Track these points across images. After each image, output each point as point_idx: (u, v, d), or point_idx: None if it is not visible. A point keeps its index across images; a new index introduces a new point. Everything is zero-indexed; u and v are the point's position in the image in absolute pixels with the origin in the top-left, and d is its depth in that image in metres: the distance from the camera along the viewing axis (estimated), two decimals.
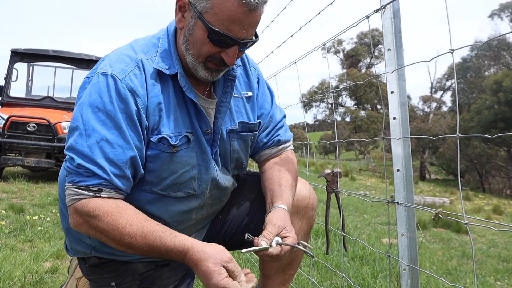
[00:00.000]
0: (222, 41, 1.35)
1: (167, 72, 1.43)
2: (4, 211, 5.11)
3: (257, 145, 1.74)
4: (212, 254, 1.25)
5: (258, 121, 1.69)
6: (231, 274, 1.24)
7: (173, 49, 1.47)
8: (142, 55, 1.44)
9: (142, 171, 1.44)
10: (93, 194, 1.33)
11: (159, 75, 1.44)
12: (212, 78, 1.48)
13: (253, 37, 1.41)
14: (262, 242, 1.37)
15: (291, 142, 1.81)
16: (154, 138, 1.42)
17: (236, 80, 1.60)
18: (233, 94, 1.60)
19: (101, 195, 1.34)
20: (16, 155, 8.28)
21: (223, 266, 1.23)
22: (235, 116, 1.61)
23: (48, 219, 4.86)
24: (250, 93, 1.68)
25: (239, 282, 1.23)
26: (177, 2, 1.40)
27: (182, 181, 1.50)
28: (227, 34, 1.32)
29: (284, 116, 1.84)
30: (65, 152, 1.39)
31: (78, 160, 1.33)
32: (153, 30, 1.62)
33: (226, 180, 1.64)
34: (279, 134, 1.76)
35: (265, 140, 1.74)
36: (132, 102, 1.37)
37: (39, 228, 4.29)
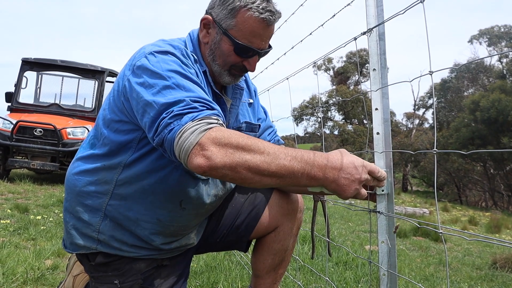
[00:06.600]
0: (245, 52, 1.48)
1: (200, 68, 1.50)
2: (9, 211, 5.07)
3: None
4: None
5: (258, 123, 1.80)
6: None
7: (199, 52, 1.54)
8: (182, 46, 1.47)
9: None
10: (217, 121, 1.19)
11: None
12: (234, 82, 1.59)
13: (268, 47, 1.53)
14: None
15: None
16: None
17: None
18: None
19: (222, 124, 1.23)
20: (23, 157, 8.25)
21: None
22: (240, 118, 1.71)
23: (50, 219, 4.82)
24: (251, 100, 1.80)
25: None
26: (202, 20, 1.50)
27: None
28: (250, 47, 1.46)
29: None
30: (164, 111, 1.20)
31: (189, 98, 1.21)
32: (145, 40, 1.64)
33: None
34: (278, 136, 1.90)
35: (268, 139, 1.85)
36: (194, 68, 1.41)
37: (42, 228, 4.26)
